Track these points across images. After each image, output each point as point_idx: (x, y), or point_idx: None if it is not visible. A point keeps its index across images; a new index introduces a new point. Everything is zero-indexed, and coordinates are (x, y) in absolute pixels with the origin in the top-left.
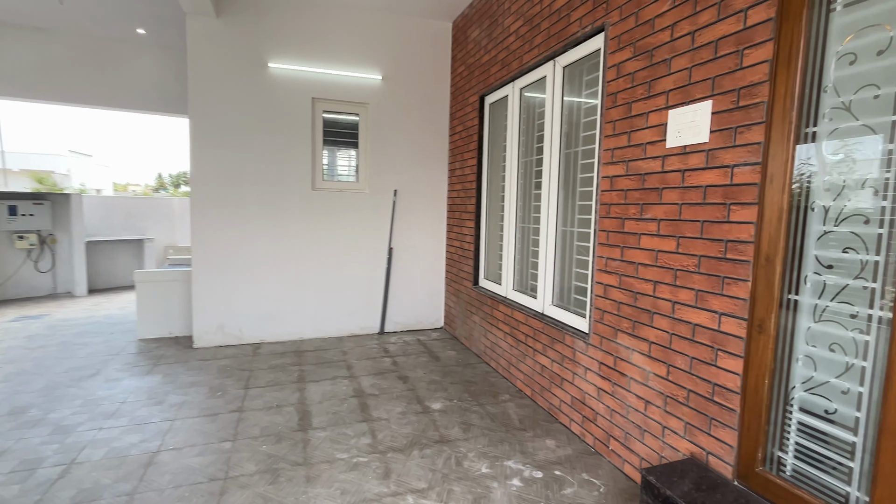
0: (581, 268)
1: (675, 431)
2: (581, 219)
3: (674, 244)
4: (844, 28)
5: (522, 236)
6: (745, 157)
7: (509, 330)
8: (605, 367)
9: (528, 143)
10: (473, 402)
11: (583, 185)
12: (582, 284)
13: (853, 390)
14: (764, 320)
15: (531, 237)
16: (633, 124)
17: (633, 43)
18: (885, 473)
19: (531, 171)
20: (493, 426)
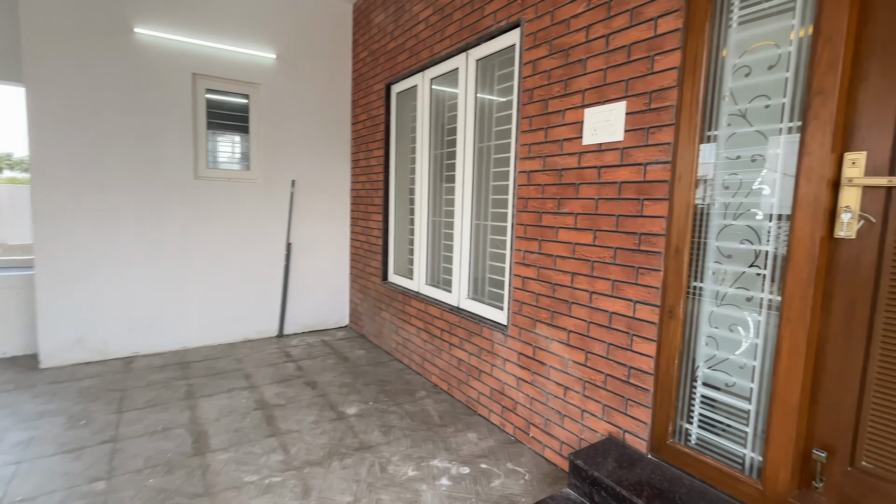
0: (497, 261)
1: (593, 414)
2: (496, 212)
3: (591, 237)
4: (741, 43)
5: (434, 230)
6: (657, 155)
7: (423, 325)
8: (525, 358)
9: (440, 135)
10: (391, 402)
11: (497, 179)
12: (498, 277)
13: (749, 364)
14: (674, 306)
15: (444, 231)
16: (549, 121)
17: (549, 41)
18: (775, 435)
19: (442, 164)
20: (414, 425)
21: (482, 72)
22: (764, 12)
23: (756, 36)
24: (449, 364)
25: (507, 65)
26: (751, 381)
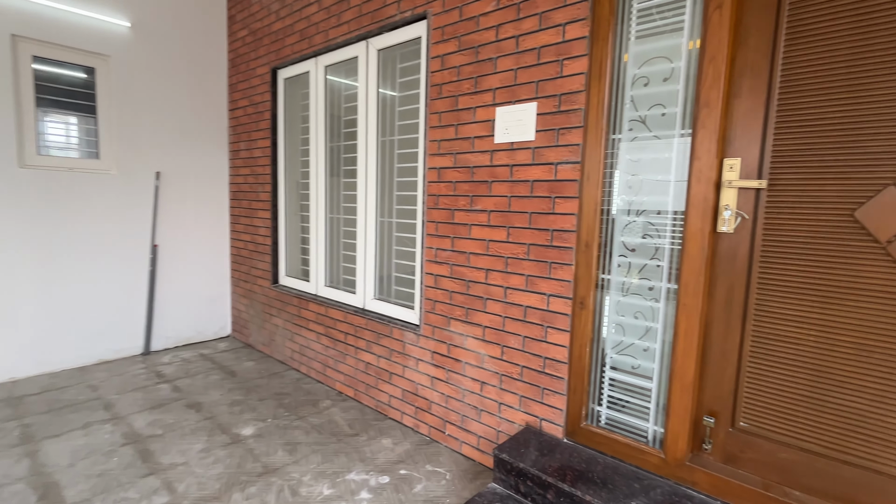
0: (407, 259)
1: (510, 406)
2: (403, 209)
3: (504, 234)
4: (639, 55)
5: (333, 228)
6: (567, 156)
7: (324, 330)
8: (439, 356)
9: (337, 127)
10: (292, 416)
11: (403, 175)
12: (408, 276)
13: (651, 347)
14: (585, 298)
15: (344, 229)
16: (460, 117)
17: (459, 37)
18: (674, 408)
19: (340, 158)
20: (323, 439)
21: (385, 62)
22: (658, 29)
23: (652, 50)
24: (355, 369)
25: (413, 57)
26: (653, 363)
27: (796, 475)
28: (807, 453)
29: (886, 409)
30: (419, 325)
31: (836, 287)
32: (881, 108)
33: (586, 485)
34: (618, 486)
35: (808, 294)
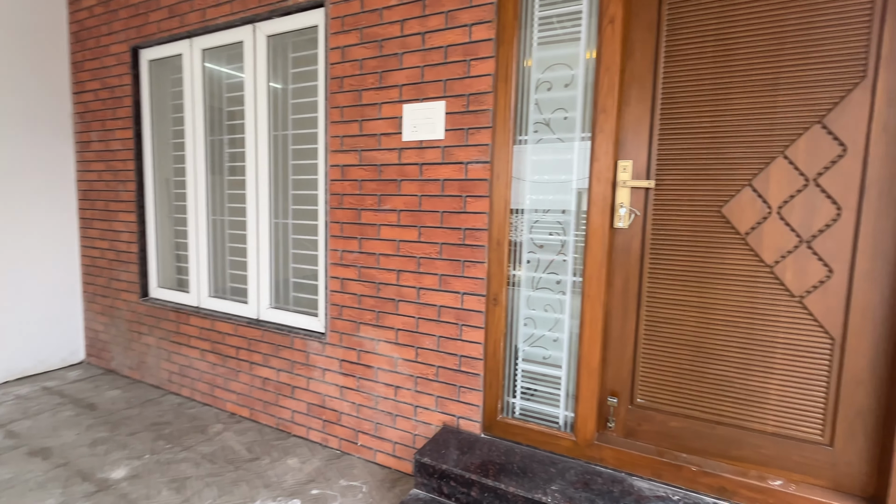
0: (308, 263)
1: (426, 408)
2: (302, 209)
3: (416, 234)
4: (542, 61)
5: (217, 231)
6: (477, 155)
7: (210, 346)
8: (348, 364)
9: (219, 119)
10: (176, 447)
11: (301, 173)
12: (310, 282)
13: (560, 338)
14: (498, 294)
15: (230, 232)
16: (364, 113)
17: (360, 29)
18: (583, 392)
19: (225, 154)
20: (217, 468)
21: (276, 50)
22: (558, 37)
23: (554, 56)
24: (251, 386)
25: (309, 46)
26: (562, 352)
27: (683, 440)
28: (691, 419)
29: (748, 375)
30: (325, 332)
31: (710, 273)
32: (739, 120)
33: (508, 476)
34: (536, 473)
35: (689, 280)
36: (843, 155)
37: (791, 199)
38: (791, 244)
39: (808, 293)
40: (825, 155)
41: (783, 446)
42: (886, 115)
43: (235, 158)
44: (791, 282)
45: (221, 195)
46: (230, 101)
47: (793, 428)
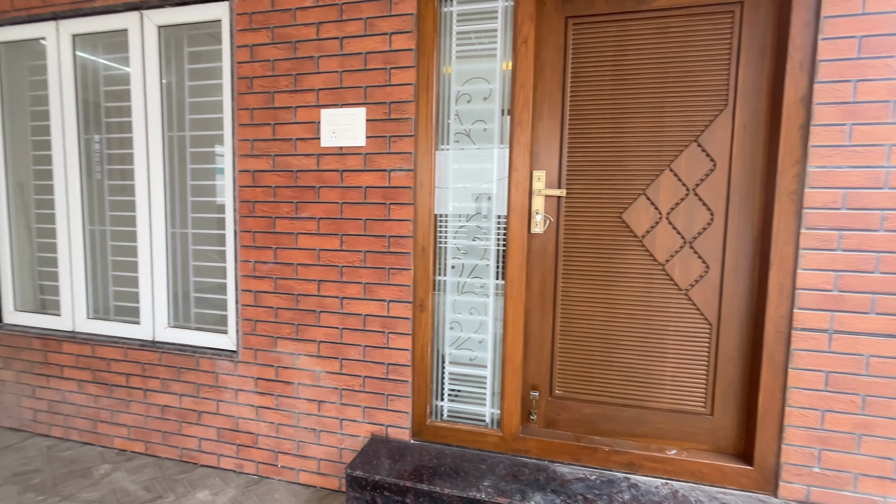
0: (215, 276)
1: (353, 420)
2: (205, 218)
3: (337, 242)
4: (461, 74)
5: (97, 243)
6: (400, 163)
7: (90, 375)
8: (265, 382)
9: (95, 115)
10: (52, 498)
11: (202, 178)
12: (218, 296)
13: (485, 339)
14: (424, 300)
15: (114, 243)
16: (277, 116)
17: (271, 28)
18: (508, 389)
19: (104, 155)
20: None
21: (169, 42)
22: (476, 52)
23: (473, 70)
24: (145, 417)
25: (211, 41)
26: (487, 352)
27: (596, 424)
28: (602, 405)
29: (647, 361)
30: (237, 350)
31: (614, 272)
32: (635, 137)
33: (441, 479)
34: (469, 472)
35: (597, 279)
36: (714, 169)
37: (677, 206)
38: (677, 245)
39: (691, 286)
40: (701, 169)
41: (676, 420)
42: (743, 137)
43: (119, 160)
44: (679, 277)
45: (101, 202)
46: (110, 96)
47: (683, 403)
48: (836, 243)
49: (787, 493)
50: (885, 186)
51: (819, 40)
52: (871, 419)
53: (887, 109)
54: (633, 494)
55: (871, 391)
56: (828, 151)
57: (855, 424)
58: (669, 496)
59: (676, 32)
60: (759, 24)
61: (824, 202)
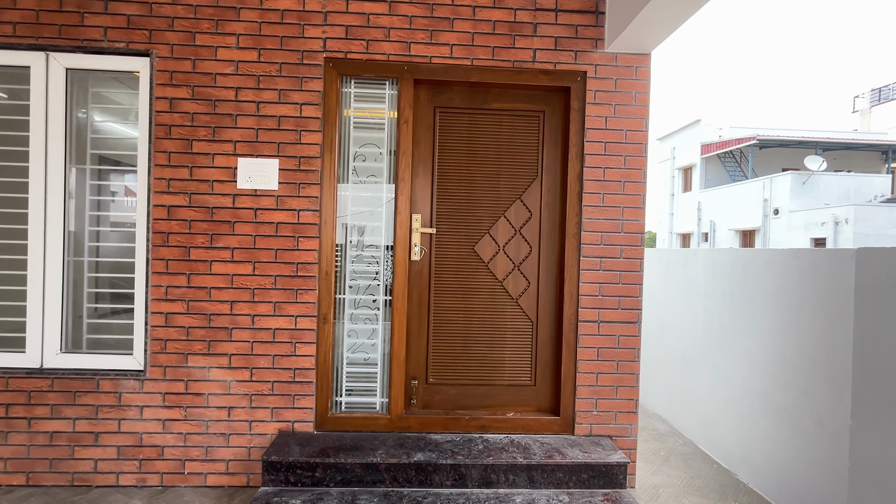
0: (120, 302)
1: (262, 420)
2: (109, 247)
3: (250, 268)
4: (358, 139)
5: None
6: (308, 204)
7: None
8: (174, 396)
9: None
10: None
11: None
12: (123, 322)
13: (376, 343)
14: (327, 314)
15: None
16: (196, 161)
17: (192, 86)
18: (394, 380)
19: None
20: None
21: (78, 82)
22: (368, 124)
23: (366, 137)
24: (28, 447)
25: (124, 85)
26: (377, 353)
27: (459, 401)
28: (463, 386)
29: (493, 351)
30: (143, 369)
31: (470, 288)
32: (482, 193)
33: (344, 453)
34: (365, 447)
35: (458, 293)
36: (531, 217)
37: (509, 241)
38: (510, 268)
39: (520, 296)
40: (523, 216)
41: (513, 392)
42: (548, 197)
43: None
44: (512, 290)
45: None
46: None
47: (517, 379)
48: (599, 265)
49: (579, 431)
50: (622, 231)
51: (585, 141)
52: (621, 375)
53: (620, 186)
54: (485, 445)
55: (621, 357)
56: (593, 209)
57: (614, 380)
58: (509, 443)
59: (507, 125)
60: (553, 126)
61: (592, 240)
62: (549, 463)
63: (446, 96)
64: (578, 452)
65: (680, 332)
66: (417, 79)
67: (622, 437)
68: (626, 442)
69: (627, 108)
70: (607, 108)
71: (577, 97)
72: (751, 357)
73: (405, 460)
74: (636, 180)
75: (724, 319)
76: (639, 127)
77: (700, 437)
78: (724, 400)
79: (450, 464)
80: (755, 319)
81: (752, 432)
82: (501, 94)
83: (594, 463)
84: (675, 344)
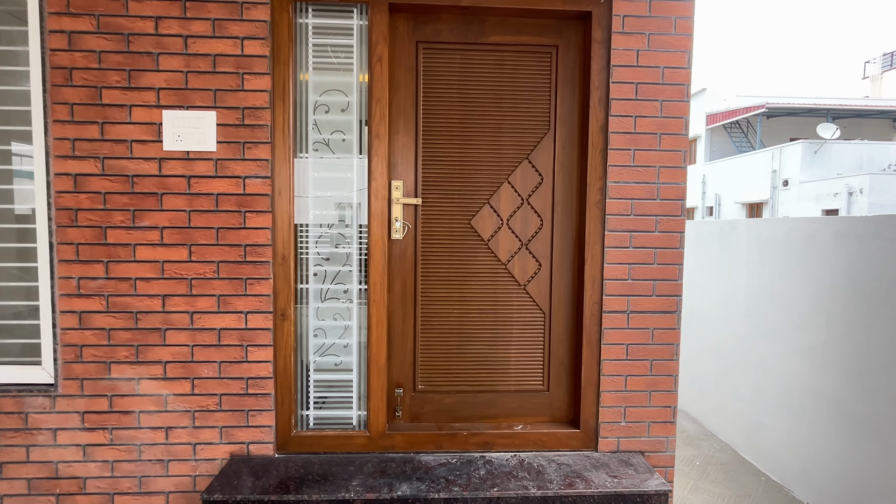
0: (17, 299)
1: (209, 442)
2: None
3: (185, 253)
4: (319, 85)
5: None
6: (256, 170)
7: None
8: (95, 415)
9: None
10: None
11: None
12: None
13: (350, 343)
14: (285, 309)
15: None
16: (108, 115)
17: (96, 15)
18: (373, 389)
19: None
20: None
21: None
22: (333, 65)
23: (330, 82)
24: None
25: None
26: (352, 356)
27: (456, 411)
28: (460, 394)
29: (496, 349)
30: (54, 383)
31: (467, 272)
32: (479, 152)
33: (310, 486)
34: (337, 476)
35: (452, 279)
36: (542, 182)
37: (514, 214)
38: (516, 247)
39: (528, 282)
40: (532, 182)
41: (521, 399)
42: (562, 157)
43: None
44: (518, 274)
45: None
46: None
47: (526, 383)
48: (629, 242)
49: (604, 446)
50: (657, 198)
51: (611, 83)
52: (656, 378)
53: (656, 139)
54: (487, 469)
55: (655, 356)
56: (620, 170)
57: (646, 383)
58: (517, 465)
59: (509, 65)
60: (570, 66)
61: (619, 210)
62: (570, 494)
63: (432, 28)
64: (605, 477)
65: (714, 319)
66: (394, 3)
67: (657, 453)
68: (662, 459)
69: (665, 39)
70: (639, 38)
71: (599, 25)
72: (814, 354)
73: (386, 495)
74: (676, 132)
75: (775, 306)
76: (680, 63)
77: (740, 443)
78: (773, 402)
79: (444, 498)
80: (821, 308)
81: (815, 443)
82: (502, 25)
83: (627, 493)
84: (707, 332)
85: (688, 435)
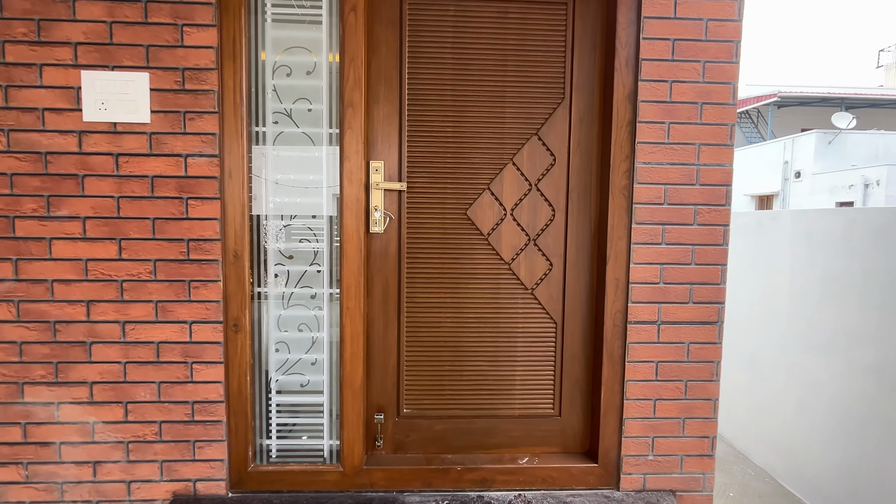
0: None
1: (147, 480)
2: None
3: (114, 249)
4: (278, 41)
5: None
6: (201, 147)
7: None
8: (6, 448)
9: None
10: None
11: None
12: None
13: (319, 359)
14: (239, 318)
15: None
16: (12, 76)
17: None
18: (347, 415)
19: None
20: None
21: None
22: (296, 17)
23: (292, 38)
24: None
25: None
26: (322, 374)
27: (448, 440)
28: (453, 419)
29: (497, 366)
30: None
31: (461, 273)
32: (477, 127)
33: None
34: None
35: (444, 281)
36: (554, 164)
37: (520, 202)
38: (522, 242)
39: (536, 285)
40: (542, 163)
41: (527, 425)
42: (579, 132)
43: None
44: (524, 276)
45: None
46: None
47: (534, 407)
48: (661, 237)
49: (627, 484)
50: (697, 183)
51: (641, 39)
52: (691, 402)
53: (696, 110)
54: None
55: (691, 376)
56: (651, 148)
57: (680, 409)
58: None
59: (515, 20)
60: (590, 19)
61: (650, 198)
62: None
63: None
64: None
65: (747, 324)
66: None
67: (692, 493)
68: (698, 500)
69: None
70: None
71: None
72: (884, 372)
73: None
74: (722, 101)
75: (828, 314)
76: (728, 14)
77: (779, 469)
78: (823, 424)
79: None
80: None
81: (882, 478)
82: None
83: None
84: (739, 339)
85: (717, 457)
